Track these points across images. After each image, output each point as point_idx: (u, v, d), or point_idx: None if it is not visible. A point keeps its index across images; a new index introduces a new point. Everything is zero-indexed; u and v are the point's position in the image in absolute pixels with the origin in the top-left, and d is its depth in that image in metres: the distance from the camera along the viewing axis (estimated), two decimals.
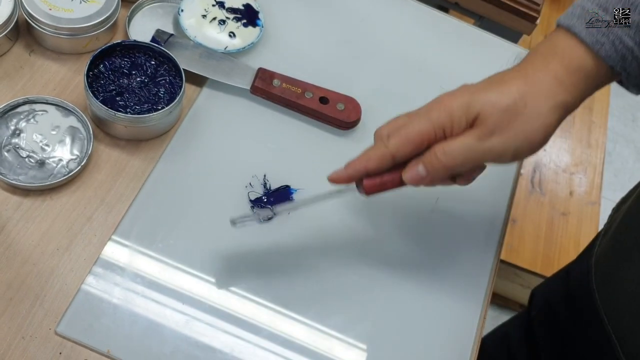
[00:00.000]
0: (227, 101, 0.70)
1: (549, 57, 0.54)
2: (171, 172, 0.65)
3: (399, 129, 0.55)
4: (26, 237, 0.58)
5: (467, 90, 0.54)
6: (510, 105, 0.52)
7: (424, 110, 0.55)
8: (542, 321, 0.90)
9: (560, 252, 1.39)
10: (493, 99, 0.53)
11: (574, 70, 0.53)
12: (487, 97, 0.53)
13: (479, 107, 0.52)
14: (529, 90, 0.53)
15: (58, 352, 0.54)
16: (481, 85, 0.54)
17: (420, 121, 0.54)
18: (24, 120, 0.63)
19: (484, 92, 0.53)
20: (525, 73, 0.53)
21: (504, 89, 0.53)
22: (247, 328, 0.58)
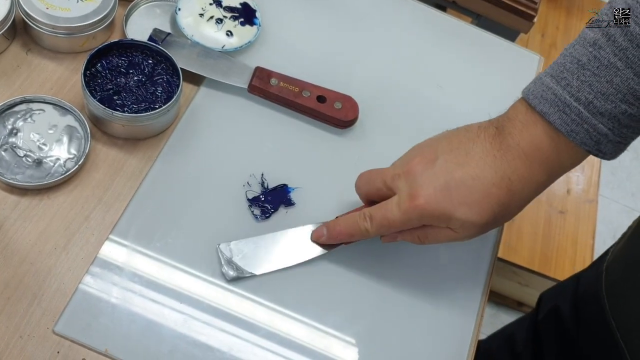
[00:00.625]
0: (225, 100, 0.70)
1: (532, 161, 0.53)
2: (169, 171, 0.65)
3: (376, 205, 0.58)
4: (23, 237, 0.58)
5: (446, 196, 0.53)
6: (489, 221, 0.54)
7: (401, 199, 0.56)
8: (549, 325, 0.90)
9: (558, 250, 1.40)
10: (474, 220, 0.54)
11: (556, 172, 0.55)
12: (467, 218, 0.53)
13: (458, 225, 0.54)
14: (509, 202, 0.54)
15: (56, 351, 0.54)
16: (461, 189, 0.53)
17: (395, 209, 0.56)
18: (21, 119, 0.63)
19: (465, 208, 0.53)
20: (508, 180, 0.53)
21: (485, 206, 0.53)
22: (245, 327, 0.58)
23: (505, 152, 0.53)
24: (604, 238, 1.75)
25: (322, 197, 0.67)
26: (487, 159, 0.53)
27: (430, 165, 0.55)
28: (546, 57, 0.86)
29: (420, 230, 0.57)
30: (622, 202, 1.81)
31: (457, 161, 0.54)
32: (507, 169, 0.53)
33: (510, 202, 0.54)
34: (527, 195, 0.55)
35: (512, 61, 0.83)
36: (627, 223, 1.74)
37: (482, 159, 0.54)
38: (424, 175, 0.54)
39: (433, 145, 0.57)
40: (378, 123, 0.73)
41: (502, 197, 0.53)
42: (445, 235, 0.56)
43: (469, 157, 0.54)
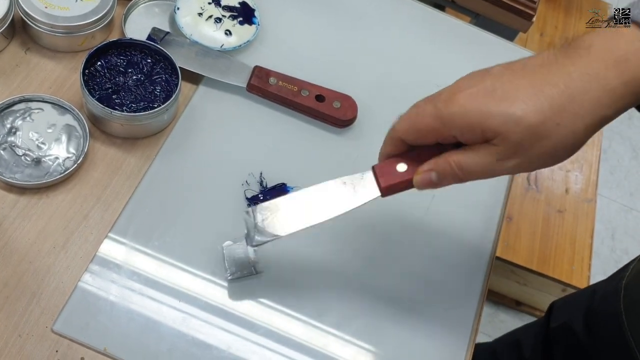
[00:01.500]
0: (223, 99, 0.70)
1: (605, 60, 0.44)
2: (167, 170, 0.65)
3: (410, 112, 0.51)
4: (22, 236, 0.58)
5: (488, 93, 0.45)
6: (539, 124, 0.44)
7: (438, 100, 0.48)
8: (561, 337, 0.91)
9: (557, 249, 1.40)
10: (518, 115, 0.44)
11: (629, 80, 0.44)
12: (510, 112, 0.44)
13: (499, 124, 0.45)
14: (566, 105, 0.44)
15: (54, 350, 0.54)
16: (506, 86, 0.45)
17: (431, 113, 0.48)
18: (20, 118, 0.63)
19: (508, 103, 0.44)
20: (568, 76, 0.44)
21: (534, 100, 0.44)
22: (244, 325, 0.58)
23: (571, 52, 0.44)
24: (602, 237, 1.75)
25: None
26: (546, 64, 0.45)
27: (482, 72, 0.47)
28: None
29: (455, 155, 0.48)
30: (620, 202, 1.81)
31: (511, 68, 0.46)
32: (569, 65, 0.44)
33: (568, 105, 0.44)
34: (589, 99, 0.44)
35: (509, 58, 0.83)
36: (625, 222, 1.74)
37: (540, 66, 0.45)
38: (471, 76, 0.47)
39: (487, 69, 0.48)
40: (376, 122, 0.73)
41: (556, 96, 0.43)
42: (486, 158, 0.46)
43: (526, 68, 0.46)
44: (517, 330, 1.10)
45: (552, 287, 1.42)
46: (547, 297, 1.48)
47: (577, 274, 1.38)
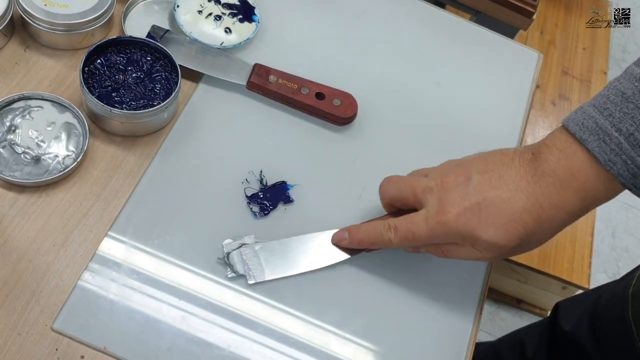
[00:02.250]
0: (223, 97, 0.70)
1: (566, 188, 0.52)
2: (167, 168, 0.65)
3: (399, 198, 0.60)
4: (22, 234, 0.58)
5: (475, 213, 0.54)
6: (515, 247, 0.54)
7: (430, 215, 0.56)
8: (567, 342, 0.91)
9: (557, 247, 1.40)
10: (500, 244, 0.54)
11: (587, 205, 0.53)
12: (494, 241, 0.53)
13: (484, 245, 0.54)
14: (537, 229, 0.53)
15: (54, 349, 0.54)
16: (490, 208, 0.53)
17: (423, 225, 0.56)
18: (19, 116, 0.63)
19: (492, 229, 0.53)
20: (539, 207, 0.53)
21: (513, 228, 0.53)
22: (244, 323, 0.58)
23: (539, 179, 0.53)
24: (603, 236, 1.75)
25: (321, 194, 0.67)
26: (521, 184, 0.53)
27: (464, 184, 0.55)
28: (545, 55, 0.86)
29: (445, 245, 0.57)
30: (620, 199, 1.81)
31: (490, 183, 0.54)
32: (539, 195, 0.53)
33: (539, 230, 0.53)
34: (557, 224, 0.54)
35: (511, 58, 0.83)
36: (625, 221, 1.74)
37: (515, 184, 0.53)
38: (456, 192, 0.54)
39: (467, 165, 0.56)
40: (377, 120, 0.73)
41: (530, 224, 0.53)
42: (468, 253, 0.56)
43: (502, 181, 0.54)
44: (520, 330, 1.10)
45: (552, 285, 1.43)
46: (547, 295, 1.48)
47: (577, 272, 1.38)
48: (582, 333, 0.88)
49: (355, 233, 0.61)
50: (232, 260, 0.60)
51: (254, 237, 0.62)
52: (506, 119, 0.77)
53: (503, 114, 0.78)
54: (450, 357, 0.61)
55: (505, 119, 0.77)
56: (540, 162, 0.53)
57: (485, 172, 0.55)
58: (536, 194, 0.53)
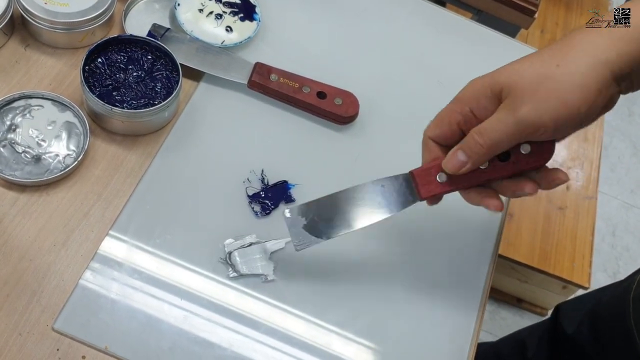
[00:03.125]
0: (224, 96, 0.70)
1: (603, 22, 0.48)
2: (168, 167, 0.64)
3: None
4: (23, 233, 0.58)
5: (494, 70, 0.50)
6: (539, 68, 0.48)
7: (457, 95, 0.52)
8: (568, 344, 0.91)
9: (557, 246, 1.39)
10: (518, 67, 0.49)
11: (632, 25, 0.47)
12: (512, 67, 0.49)
13: (504, 78, 0.49)
14: (565, 51, 0.48)
15: (55, 349, 0.54)
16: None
17: (450, 103, 0.53)
18: (19, 115, 0.63)
19: (511, 64, 0.49)
20: (568, 34, 0.48)
21: (535, 56, 0.49)
22: (246, 323, 0.58)
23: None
24: (603, 235, 1.75)
25: (322, 193, 0.66)
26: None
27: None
28: None
29: (476, 127, 0.50)
30: (621, 199, 1.81)
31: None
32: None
33: (566, 51, 0.48)
34: (589, 45, 0.47)
35: (513, 57, 0.82)
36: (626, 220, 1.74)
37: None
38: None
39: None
40: (378, 119, 0.72)
41: (555, 48, 0.48)
42: (499, 114, 0.49)
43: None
44: (521, 330, 1.10)
45: (552, 285, 1.42)
46: (547, 294, 1.48)
47: (577, 271, 1.38)
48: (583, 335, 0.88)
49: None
50: (234, 260, 0.60)
51: (255, 236, 0.62)
52: None
53: None
54: (453, 357, 0.61)
55: None
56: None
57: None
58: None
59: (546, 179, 0.51)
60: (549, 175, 0.52)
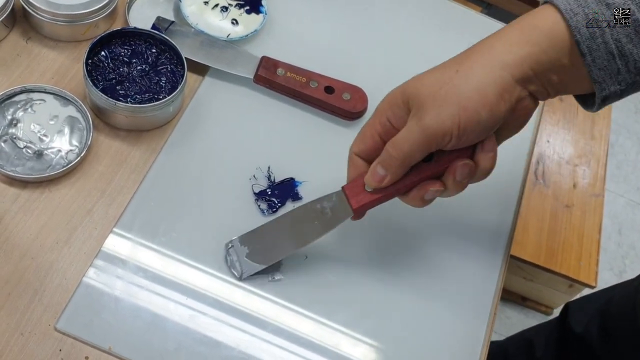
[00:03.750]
0: (230, 91, 0.68)
1: (507, 27, 0.49)
2: (173, 164, 0.63)
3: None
4: (24, 230, 0.57)
5: (407, 82, 0.52)
6: (439, 76, 0.49)
7: (377, 106, 0.54)
8: (577, 344, 0.90)
9: (564, 244, 1.38)
10: (422, 76, 0.50)
11: (529, 29, 0.47)
12: (418, 76, 0.50)
13: (411, 87, 0.50)
14: (465, 57, 0.49)
15: (58, 349, 0.52)
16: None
17: (371, 117, 0.54)
18: (21, 109, 0.61)
19: (419, 74, 0.51)
20: (470, 47, 0.50)
21: (439, 65, 0.50)
22: (253, 322, 0.57)
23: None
24: (609, 232, 1.73)
25: (329, 191, 0.65)
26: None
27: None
28: None
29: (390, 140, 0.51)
30: (627, 196, 1.79)
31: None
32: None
33: (465, 58, 0.49)
34: (486, 49, 0.48)
35: None
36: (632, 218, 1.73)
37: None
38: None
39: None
40: None
41: (457, 56, 0.50)
42: (408, 123, 0.50)
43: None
44: (528, 330, 1.09)
45: (559, 283, 1.41)
46: (553, 292, 1.46)
47: (584, 270, 1.37)
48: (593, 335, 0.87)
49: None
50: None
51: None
52: None
53: None
54: (464, 357, 0.59)
55: None
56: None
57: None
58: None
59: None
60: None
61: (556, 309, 1.55)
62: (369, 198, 0.54)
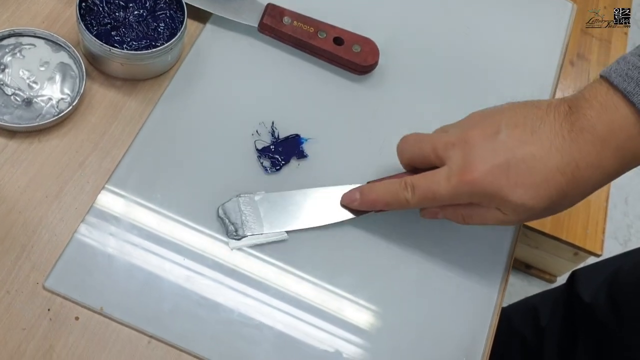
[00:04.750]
0: (233, 40, 0.64)
1: (606, 146, 0.48)
2: (171, 116, 0.59)
3: (417, 156, 0.56)
4: (11, 183, 0.53)
5: (503, 172, 0.49)
6: (544, 209, 0.51)
7: (451, 171, 0.51)
8: (584, 312, 0.88)
9: (571, 212, 1.36)
10: (529, 205, 0.50)
11: (628, 162, 0.49)
12: (522, 202, 0.49)
13: (512, 207, 0.50)
14: (569, 192, 0.49)
15: (46, 309, 0.49)
16: (520, 165, 0.49)
17: (445, 184, 0.52)
18: (9, 54, 0.57)
19: (522, 190, 0.49)
20: (575, 165, 0.48)
21: (544, 191, 0.49)
22: (253, 285, 0.54)
23: (577, 135, 0.48)
24: (616, 201, 1.71)
25: (337, 149, 0.61)
26: (555, 141, 0.48)
27: (491, 139, 0.49)
28: (579, 6, 0.80)
29: (466, 208, 0.52)
30: None
31: (521, 138, 0.49)
32: (576, 153, 0.48)
33: (572, 191, 0.49)
34: (591, 186, 0.49)
35: (545, 8, 0.77)
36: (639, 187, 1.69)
37: (549, 140, 0.48)
38: (483, 148, 0.49)
39: (496, 117, 0.51)
40: (399, 69, 0.67)
41: (564, 184, 0.48)
42: (493, 217, 0.51)
43: (535, 136, 0.49)
44: (533, 297, 1.07)
45: (564, 251, 1.39)
46: (558, 260, 1.45)
47: (590, 238, 1.34)
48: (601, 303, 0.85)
49: (368, 193, 0.55)
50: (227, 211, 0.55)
51: (264, 193, 0.57)
52: (538, 72, 0.72)
53: (534, 66, 0.72)
54: (474, 323, 0.57)
55: (537, 73, 0.72)
56: (578, 117, 0.49)
57: (515, 126, 0.50)
58: (572, 152, 0.48)
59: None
60: None
61: (560, 277, 1.54)
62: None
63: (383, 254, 0.58)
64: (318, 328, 0.54)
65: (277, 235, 0.56)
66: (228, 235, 0.55)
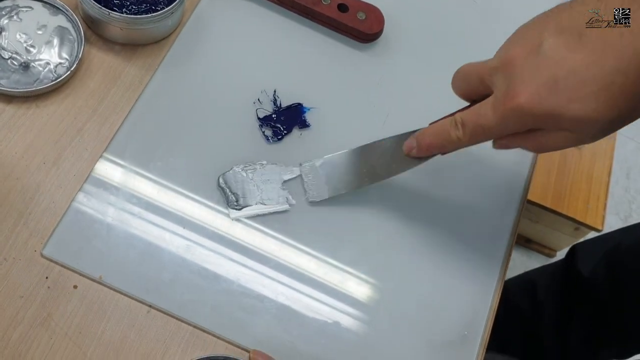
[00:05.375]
0: (234, 5, 0.63)
1: None
2: (171, 83, 0.58)
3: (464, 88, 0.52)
4: (9, 149, 0.52)
5: (551, 89, 0.43)
6: (615, 117, 0.43)
7: (497, 98, 0.46)
8: (583, 286, 0.88)
9: (572, 186, 1.35)
10: (593, 118, 0.43)
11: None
12: (583, 115, 0.43)
13: (574, 124, 0.44)
14: (637, 90, 0.42)
15: (44, 276, 0.49)
16: (569, 78, 0.42)
17: (491, 114, 0.47)
18: (6, 17, 0.56)
19: (579, 104, 0.43)
20: (638, 62, 0.41)
21: (605, 96, 0.42)
22: (254, 257, 0.53)
23: (637, 24, 0.41)
24: (617, 177, 1.70)
25: (340, 118, 0.60)
26: (609, 38, 0.41)
27: (534, 54, 0.43)
28: None
29: (532, 135, 0.46)
30: (637, 140, 1.75)
31: (567, 46, 0.42)
32: (638, 44, 0.40)
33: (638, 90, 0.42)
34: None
35: None
36: None
37: (602, 39, 0.41)
38: (525, 67, 0.43)
39: (538, 27, 0.44)
40: (404, 38, 0.66)
41: (629, 85, 0.41)
42: (563, 139, 0.45)
43: (584, 39, 0.42)
44: (531, 271, 1.07)
45: (565, 226, 1.38)
46: (558, 235, 1.44)
47: (592, 213, 1.34)
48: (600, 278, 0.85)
49: (422, 139, 0.52)
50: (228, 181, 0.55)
51: (266, 163, 0.56)
52: None
53: None
54: (476, 299, 0.56)
55: None
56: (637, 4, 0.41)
57: (561, 33, 0.43)
58: (635, 44, 0.40)
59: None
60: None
61: (560, 251, 1.53)
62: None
63: (384, 227, 0.57)
64: (318, 301, 0.53)
65: (279, 205, 0.55)
66: (229, 205, 0.54)
